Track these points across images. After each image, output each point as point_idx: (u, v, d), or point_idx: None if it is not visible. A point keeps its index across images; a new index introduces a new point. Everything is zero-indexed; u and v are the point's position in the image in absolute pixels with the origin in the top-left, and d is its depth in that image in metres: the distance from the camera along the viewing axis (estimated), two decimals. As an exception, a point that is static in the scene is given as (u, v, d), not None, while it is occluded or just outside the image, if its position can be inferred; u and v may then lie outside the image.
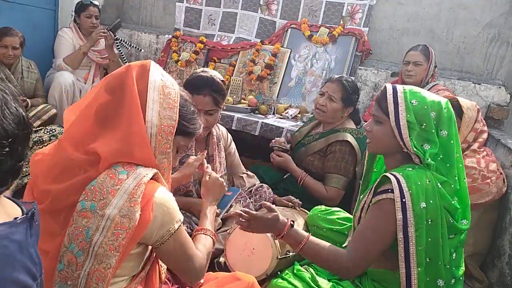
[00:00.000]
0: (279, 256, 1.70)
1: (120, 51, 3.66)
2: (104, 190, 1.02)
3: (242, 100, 3.59)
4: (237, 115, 3.18)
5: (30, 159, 1.16)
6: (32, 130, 0.81)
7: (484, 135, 2.40)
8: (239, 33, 4.04)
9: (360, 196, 1.66)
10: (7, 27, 2.97)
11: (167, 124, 1.12)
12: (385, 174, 1.44)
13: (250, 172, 2.45)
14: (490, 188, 2.21)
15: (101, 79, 3.61)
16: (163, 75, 1.16)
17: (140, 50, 4.11)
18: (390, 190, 1.39)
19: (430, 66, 3.00)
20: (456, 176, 1.47)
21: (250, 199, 2.26)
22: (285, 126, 3.05)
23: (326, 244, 1.49)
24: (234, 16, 4.06)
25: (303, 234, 1.49)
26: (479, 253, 2.34)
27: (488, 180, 2.22)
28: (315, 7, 3.79)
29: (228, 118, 3.14)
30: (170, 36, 4.13)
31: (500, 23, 3.39)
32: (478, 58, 3.50)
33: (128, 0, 4.49)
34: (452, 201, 1.43)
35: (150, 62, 1.16)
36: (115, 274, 1.05)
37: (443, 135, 1.45)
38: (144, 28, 4.39)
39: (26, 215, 0.76)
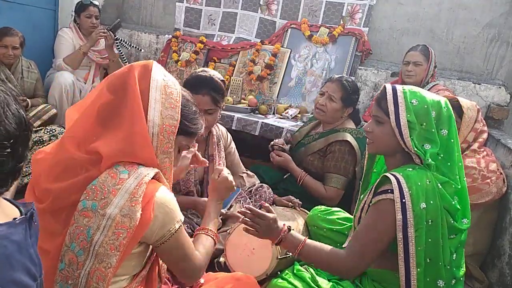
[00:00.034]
0: (279, 256, 1.70)
1: (120, 51, 3.66)
2: (105, 189, 1.02)
3: (242, 100, 3.60)
4: (237, 115, 3.18)
5: (31, 158, 1.16)
6: (32, 132, 0.81)
7: (484, 135, 2.40)
8: (239, 33, 4.04)
9: (360, 196, 1.66)
10: (7, 27, 2.97)
11: (169, 123, 1.12)
12: (385, 174, 1.44)
13: (250, 172, 2.45)
14: (490, 188, 2.21)
15: (101, 79, 3.63)
16: (165, 75, 1.16)
17: (140, 50, 4.11)
18: (390, 191, 1.39)
19: (430, 66, 3.00)
20: (457, 175, 1.47)
21: (250, 199, 2.25)
22: (285, 126, 3.05)
23: (324, 246, 1.50)
24: (234, 16, 4.06)
25: (300, 238, 1.50)
26: (479, 253, 2.34)
27: (488, 180, 2.22)
28: (315, 7, 3.79)
29: (228, 118, 3.14)
30: (170, 36, 4.13)
31: (500, 23, 3.40)
32: (478, 58, 3.50)
33: (128, 0, 4.50)
34: (453, 201, 1.43)
35: (153, 62, 1.16)
36: (116, 273, 1.05)
37: (444, 134, 1.45)
38: (144, 28, 4.39)
39: (25, 216, 0.76)
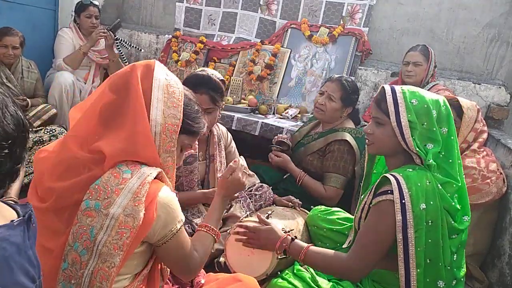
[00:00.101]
0: (279, 256, 1.70)
1: (120, 51, 3.66)
2: (109, 189, 1.02)
3: (242, 100, 3.60)
4: (237, 115, 3.18)
5: (33, 157, 1.16)
6: (30, 133, 0.81)
7: (484, 135, 2.40)
8: (239, 33, 4.04)
9: (360, 197, 1.66)
10: (7, 27, 2.97)
11: (171, 122, 1.12)
12: (385, 175, 1.44)
13: (250, 172, 2.45)
14: (490, 188, 2.21)
15: (101, 79, 3.62)
16: (168, 74, 1.17)
17: (140, 50, 4.11)
18: (389, 192, 1.38)
19: (430, 66, 3.00)
20: (457, 172, 1.47)
21: (250, 199, 2.25)
22: (285, 126, 3.05)
23: (327, 250, 1.52)
24: (234, 16, 4.06)
25: (303, 245, 1.53)
26: (479, 253, 2.34)
27: (488, 180, 2.22)
28: (315, 7, 3.79)
29: (228, 118, 3.14)
30: (170, 36, 4.13)
31: (500, 23, 3.40)
32: (478, 58, 3.50)
33: (128, 0, 4.49)
34: (453, 202, 1.43)
35: (155, 62, 1.16)
36: (119, 273, 1.05)
37: (444, 132, 1.46)
38: (144, 28, 4.39)
39: (23, 217, 0.75)
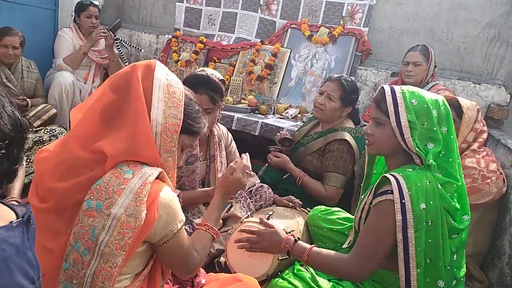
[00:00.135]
0: (279, 257, 1.70)
1: (120, 51, 3.66)
2: (110, 189, 1.02)
3: (242, 100, 3.60)
4: (237, 115, 3.18)
5: (34, 156, 1.16)
6: (27, 134, 0.81)
7: (484, 135, 2.40)
8: (239, 33, 4.04)
9: (361, 197, 1.66)
10: (7, 27, 2.97)
11: (172, 122, 1.12)
12: (384, 175, 1.44)
13: (251, 172, 2.44)
14: (490, 188, 2.21)
15: (101, 79, 3.62)
16: (168, 74, 1.17)
17: (140, 50, 4.11)
18: (389, 191, 1.38)
19: (429, 66, 3.00)
20: (457, 171, 1.48)
21: (251, 199, 2.25)
22: (285, 126, 3.05)
23: (330, 252, 1.52)
24: (234, 16, 4.06)
25: (306, 246, 1.53)
26: (479, 253, 2.34)
27: (488, 180, 2.22)
28: (315, 7, 3.79)
29: (228, 118, 3.14)
30: (170, 36, 4.13)
31: (500, 23, 3.40)
32: (478, 58, 3.50)
33: (128, 0, 4.49)
34: (452, 202, 1.43)
35: (156, 62, 1.16)
36: (120, 272, 1.06)
37: (444, 132, 1.46)
38: (144, 28, 4.39)
39: (22, 219, 0.75)
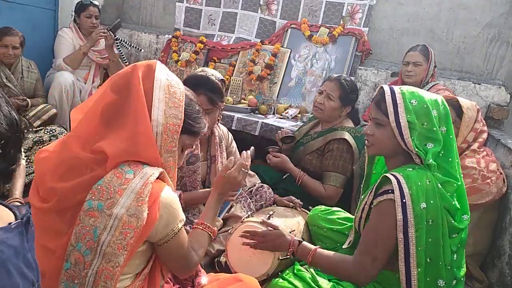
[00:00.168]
0: (280, 257, 1.69)
1: (120, 51, 3.66)
2: (111, 189, 1.02)
3: (242, 100, 3.60)
4: (237, 115, 3.18)
5: (34, 156, 1.16)
6: (24, 134, 0.81)
7: (484, 135, 2.40)
8: (239, 33, 4.04)
9: (361, 197, 1.66)
10: (7, 26, 2.97)
11: (172, 123, 1.12)
12: (385, 175, 1.45)
13: (251, 172, 2.45)
14: (490, 188, 2.21)
15: (101, 79, 3.62)
16: (169, 74, 1.17)
17: (140, 50, 4.11)
18: (390, 191, 1.39)
19: (429, 66, 3.00)
20: (457, 171, 1.48)
21: (251, 199, 2.26)
22: (285, 126, 3.05)
23: (334, 253, 1.52)
24: (234, 16, 4.06)
25: (311, 247, 1.53)
26: (479, 253, 2.34)
27: (488, 180, 2.22)
28: (315, 7, 3.79)
29: (228, 118, 3.15)
30: (170, 36, 4.13)
31: (500, 23, 3.40)
32: (478, 58, 3.50)
33: (128, 0, 4.49)
34: (453, 201, 1.43)
35: (156, 62, 1.16)
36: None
37: (443, 132, 1.46)
38: (144, 28, 4.39)
39: (21, 220, 0.75)
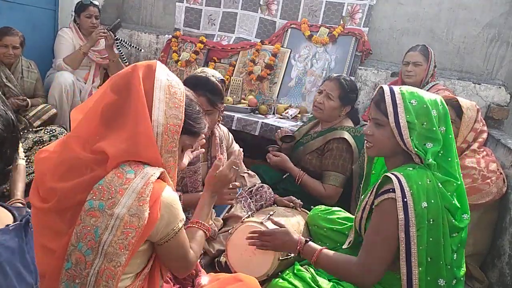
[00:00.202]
0: (280, 258, 1.70)
1: (120, 51, 3.66)
2: (112, 189, 1.02)
3: (242, 100, 3.60)
4: (237, 115, 3.18)
5: (34, 157, 1.16)
6: (20, 134, 0.80)
7: (484, 135, 2.40)
8: (239, 33, 4.04)
9: (361, 197, 1.66)
10: (7, 26, 2.97)
11: (173, 123, 1.12)
12: (386, 174, 1.45)
13: (251, 172, 2.45)
14: (490, 188, 2.21)
15: (101, 79, 3.62)
16: (169, 75, 1.17)
17: (140, 50, 4.11)
18: (391, 190, 1.39)
19: (429, 66, 3.00)
20: (456, 170, 1.48)
21: (251, 199, 2.26)
22: (285, 126, 3.05)
23: (339, 255, 1.52)
24: (234, 16, 4.06)
25: (316, 248, 1.53)
26: (479, 253, 2.34)
27: (488, 180, 2.22)
28: (315, 7, 3.79)
29: (228, 118, 3.15)
30: (170, 36, 4.13)
31: (500, 23, 3.40)
32: (478, 58, 3.50)
33: (128, 0, 4.49)
34: (453, 200, 1.43)
35: (156, 62, 1.16)
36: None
37: (442, 131, 1.46)
38: (144, 28, 4.39)
39: (20, 222, 0.75)
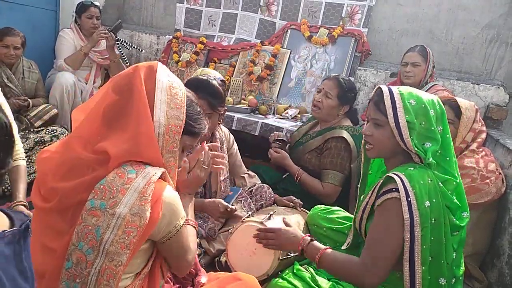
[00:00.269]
0: (280, 257, 1.70)
1: (121, 51, 3.67)
2: (114, 189, 1.03)
3: (242, 101, 3.61)
4: (237, 115, 3.19)
5: (36, 157, 1.16)
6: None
7: (483, 135, 2.41)
8: (239, 34, 4.05)
9: (360, 198, 1.67)
10: (8, 27, 2.98)
11: (174, 124, 1.14)
12: (388, 175, 1.45)
13: (251, 172, 2.46)
14: (489, 188, 2.21)
15: (102, 79, 3.62)
16: (170, 76, 1.18)
17: (141, 50, 4.12)
18: (394, 189, 1.39)
19: (428, 66, 3.01)
20: (454, 169, 1.49)
21: (251, 199, 2.26)
22: (285, 126, 3.06)
23: (342, 255, 1.52)
24: (234, 17, 4.07)
25: (320, 247, 1.53)
26: (478, 253, 2.34)
27: (487, 180, 2.22)
28: (314, 8, 3.80)
29: (228, 118, 3.15)
30: (171, 36, 4.14)
31: (499, 24, 3.41)
32: (477, 59, 3.51)
33: (129, 1, 4.50)
34: (453, 199, 1.44)
35: (157, 63, 1.17)
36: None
37: (440, 131, 1.47)
38: (144, 29, 4.39)
39: (19, 228, 0.74)
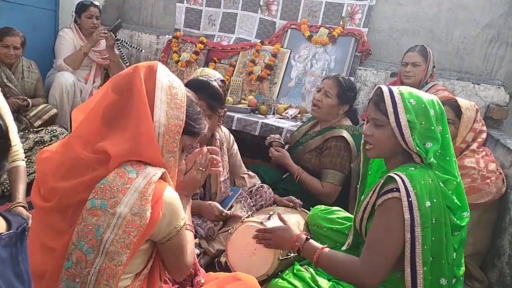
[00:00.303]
0: (280, 257, 1.70)
1: (120, 51, 3.67)
2: (114, 188, 1.03)
3: (242, 100, 3.60)
4: (237, 115, 3.19)
5: (36, 157, 1.16)
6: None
7: (483, 135, 2.40)
8: (239, 33, 4.05)
9: (360, 198, 1.66)
10: (8, 27, 2.98)
11: (174, 123, 1.14)
12: (389, 175, 1.44)
13: (251, 173, 2.46)
14: (490, 188, 2.21)
15: (101, 79, 3.62)
16: (170, 76, 1.18)
17: (141, 50, 4.12)
18: (395, 189, 1.39)
19: (428, 66, 3.01)
20: (454, 169, 1.49)
21: (251, 199, 2.26)
22: (285, 126, 3.06)
23: (341, 254, 1.52)
24: (234, 16, 4.06)
25: (318, 246, 1.53)
26: (479, 253, 2.34)
27: (488, 180, 2.22)
28: (314, 8, 3.80)
29: (228, 118, 3.15)
30: (171, 36, 4.14)
31: (500, 23, 3.41)
32: (478, 59, 3.51)
33: (129, 0, 4.50)
34: (454, 199, 1.44)
35: (157, 63, 1.17)
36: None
37: (439, 131, 1.47)
38: (144, 29, 4.39)
39: (16, 231, 0.74)
